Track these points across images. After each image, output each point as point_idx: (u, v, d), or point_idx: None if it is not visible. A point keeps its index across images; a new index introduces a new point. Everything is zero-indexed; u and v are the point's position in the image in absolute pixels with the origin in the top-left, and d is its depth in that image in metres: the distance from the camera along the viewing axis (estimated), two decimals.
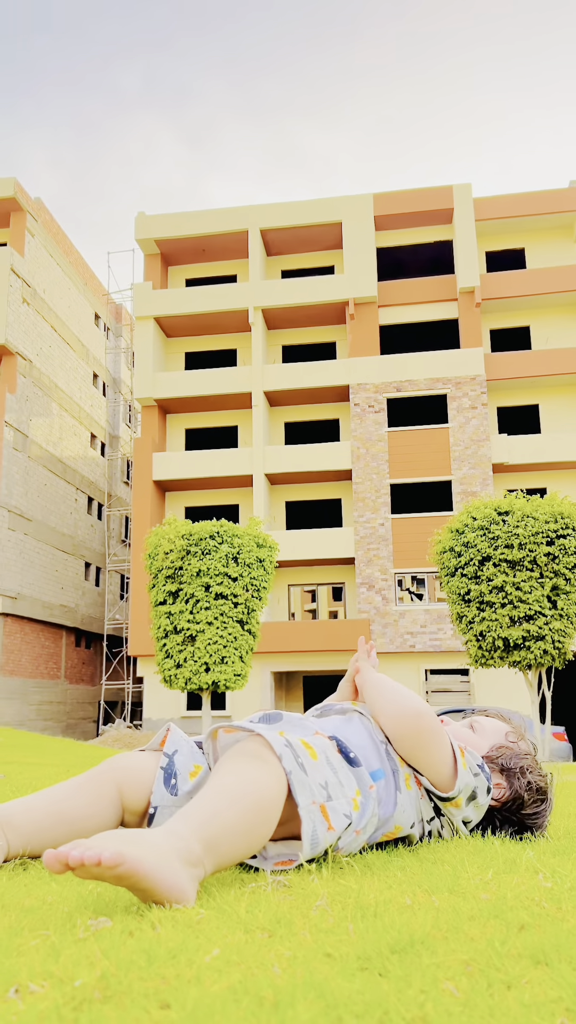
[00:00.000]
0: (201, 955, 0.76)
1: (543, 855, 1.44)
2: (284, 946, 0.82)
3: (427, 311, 25.43)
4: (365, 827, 1.37)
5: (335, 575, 24.57)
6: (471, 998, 0.70)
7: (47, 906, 0.96)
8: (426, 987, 0.72)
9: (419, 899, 1.07)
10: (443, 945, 0.85)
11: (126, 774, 1.34)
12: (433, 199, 25.19)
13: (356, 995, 0.67)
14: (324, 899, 1.01)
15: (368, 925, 0.90)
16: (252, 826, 1.10)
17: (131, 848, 0.92)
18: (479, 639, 14.58)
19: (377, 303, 25.17)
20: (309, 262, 26.88)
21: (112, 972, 0.69)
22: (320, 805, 1.24)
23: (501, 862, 1.33)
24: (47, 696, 24.84)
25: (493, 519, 14.62)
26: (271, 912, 0.94)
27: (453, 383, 24.05)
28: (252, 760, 1.20)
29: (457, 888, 1.14)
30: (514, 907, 1.02)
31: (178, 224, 25.49)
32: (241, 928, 0.88)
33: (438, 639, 22.44)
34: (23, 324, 24.49)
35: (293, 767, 1.22)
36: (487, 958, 0.82)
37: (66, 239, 28.11)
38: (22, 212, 25.24)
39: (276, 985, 0.68)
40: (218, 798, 1.10)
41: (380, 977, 0.74)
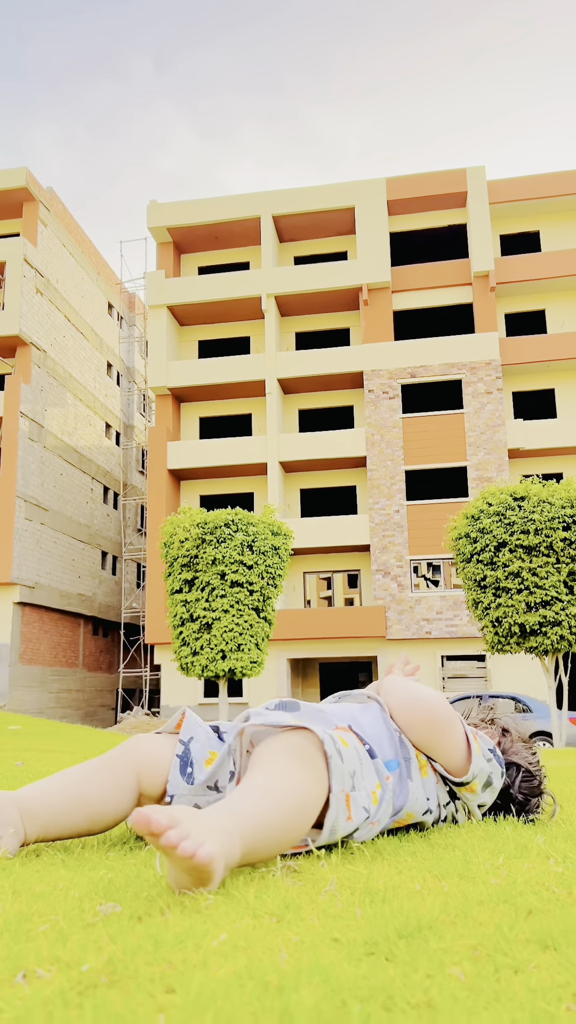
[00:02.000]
0: (208, 940, 0.77)
1: (555, 840, 1.43)
2: (292, 931, 0.82)
3: (441, 296, 25.25)
4: (380, 818, 1.37)
5: (351, 562, 24.56)
6: (477, 983, 0.70)
7: (58, 892, 0.97)
8: (432, 972, 0.72)
9: (428, 884, 1.07)
10: (451, 930, 0.85)
11: (143, 758, 1.34)
12: (446, 182, 24.97)
13: (361, 980, 0.68)
14: (333, 884, 1.02)
15: (376, 910, 0.90)
16: (290, 832, 1.11)
17: (216, 847, 0.93)
18: (495, 625, 14.54)
19: (391, 288, 25.01)
20: (322, 248, 26.74)
21: (119, 957, 0.70)
22: (347, 794, 1.24)
23: (512, 847, 1.33)
24: (65, 684, 25.05)
25: (509, 505, 14.55)
26: (280, 897, 0.95)
27: (468, 368, 23.89)
28: (300, 760, 1.20)
29: (467, 873, 1.14)
30: (523, 892, 1.02)
31: (190, 212, 25.41)
32: (249, 913, 0.88)
33: (454, 625, 22.40)
34: (37, 315, 24.54)
35: (333, 752, 1.22)
36: (495, 943, 0.82)
37: (79, 228, 28.11)
38: (34, 202, 25.26)
39: (281, 970, 0.69)
40: (264, 800, 1.09)
41: (386, 962, 0.74)
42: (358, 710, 1.52)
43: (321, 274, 24.83)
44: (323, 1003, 0.61)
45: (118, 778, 1.31)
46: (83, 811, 1.26)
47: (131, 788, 1.30)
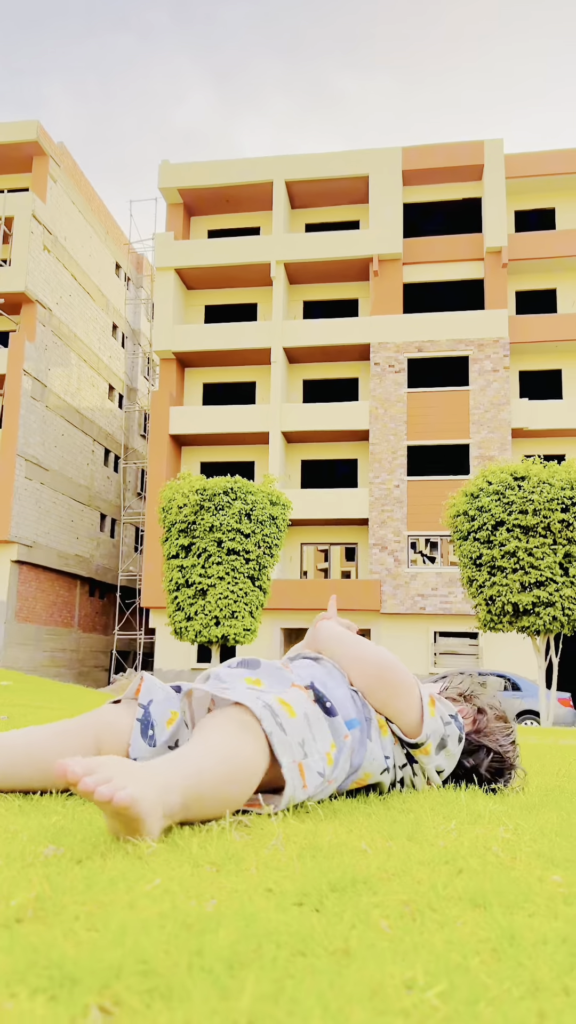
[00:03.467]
0: (142, 884, 0.78)
1: (512, 809, 1.45)
2: (228, 880, 0.84)
3: (452, 270, 24.99)
4: (337, 776, 1.39)
5: (348, 535, 24.58)
6: (399, 935, 0.72)
7: (8, 835, 0.98)
8: (357, 923, 0.74)
9: (376, 844, 1.08)
10: (385, 886, 0.86)
11: (104, 726, 1.36)
12: (463, 154, 24.59)
13: (283, 926, 0.69)
14: (279, 839, 1.03)
15: (316, 865, 0.92)
16: (232, 788, 1.12)
17: (138, 791, 0.94)
18: (489, 603, 14.60)
19: (402, 260, 24.75)
20: (334, 216, 26.41)
21: (48, 895, 0.71)
22: (298, 763, 1.26)
23: (466, 814, 1.35)
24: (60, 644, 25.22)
25: (509, 484, 14.54)
26: (224, 849, 0.96)
27: (476, 345, 23.72)
28: (242, 728, 1.21)
29: (416, 835, 1.16)
30: (467, 855, 1.04)
31: (202, 173, 25.06)
32: (190, 862, 0.90)
33: (448, 602, 22.49)
34: (43, 272, 24.32)
35: (273, 728, 1.23)
36: (427, 900, 0.83)
37: (89, 186, 27.75)
38: (45, 157, 24.90)
39: (205, 914, 0.70)
40: (206, 756, 1.11)
41: (314, 912, 0.76)
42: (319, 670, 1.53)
43: (332, 243, 24.56)
44: (238, 944, 0.63)
45: (79, 743, 1.33)
46: (40, 764, 1.28)
47: (89, 750, 1.32)
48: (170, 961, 0.57)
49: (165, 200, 25.85)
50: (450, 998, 0.56)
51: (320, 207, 26.27)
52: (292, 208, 26.08)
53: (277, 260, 24.31)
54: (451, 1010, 0.54)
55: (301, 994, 0.54)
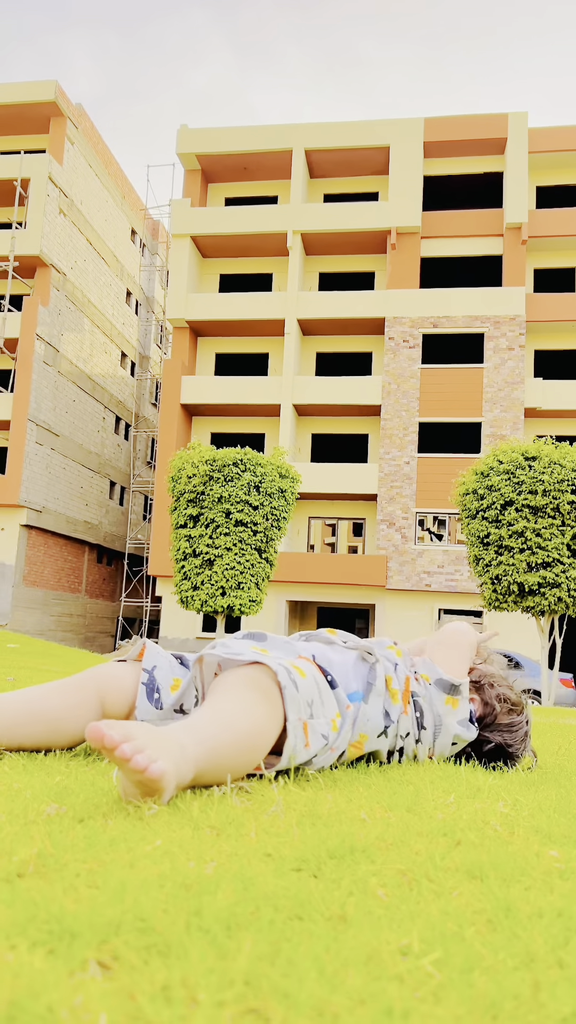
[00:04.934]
0: (142, 845, 0.79)
1: (512, 784, 1.46)
2: (227, 844, 0.84)
3: (471, 245, 24.69)
4: (339, 745, 1.40)
5: (357, 510, 24.58)
6: (396, 903, 0.72)
7: (12, 792, 0.99)
8: (354, 890, 0.74)
9: (375, 814, 1.09)
10: (383, 855, 0.87)
11: (107, 682, 1.37)
12: (486, 127, 24.19)
13: (281, 891, 0.70)
14: (279, 805, 1.04)
15: (315, 832, 0.93)
16: (243, 757, 1.13)
17: (168, 764, 0.95)
18: (495, 583, 14.62)
19: (420, 234, 24.47)
20: (353, 187, 26.07)
21: (50, 852, 0.72)
22: (304, 723, 1.27)
23: (465, 787, 1.35)
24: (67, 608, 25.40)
25: (519, 464, 14.49)
26: (225, 814, 0.97)
27: (492, 322, 23.50)
28: (256, 690, 1.22)
29: (415, 807, 1.16)
30: (465, 828, 1.05)
31: (221, 139, 24.75)
32: (191, 825, 0.90)
33: (454, 580, 22.51)
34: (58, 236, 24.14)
35: (287, 682, 1.24)
36: (424, 870, 0.84)
37: (106, 149, 27.45)
38: (62, 118, 24.62)
39: (205, 875, 0.71)
40: (220, 724, 1.12)
41: (312, 878, 0.77)
42: (325, 647, 1.54)
43: (350, 213, 24.27)
44: (236, 907, 0.63)
45: (81, 698, 1.33)
46: (42, 724, 1.29)
47: (92, 707, 1.32)
48: (168, 920, 0.58)
49: (183, 166, 25.56)
50: (445, 965, 0.57)
51: (339, 177, 25.93)
52: (311, 177, 25.75)
53: (294, 230, 24.07)
54: (446, 978, 0.55)
55: (298, 957, 0.55)
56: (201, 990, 0.47)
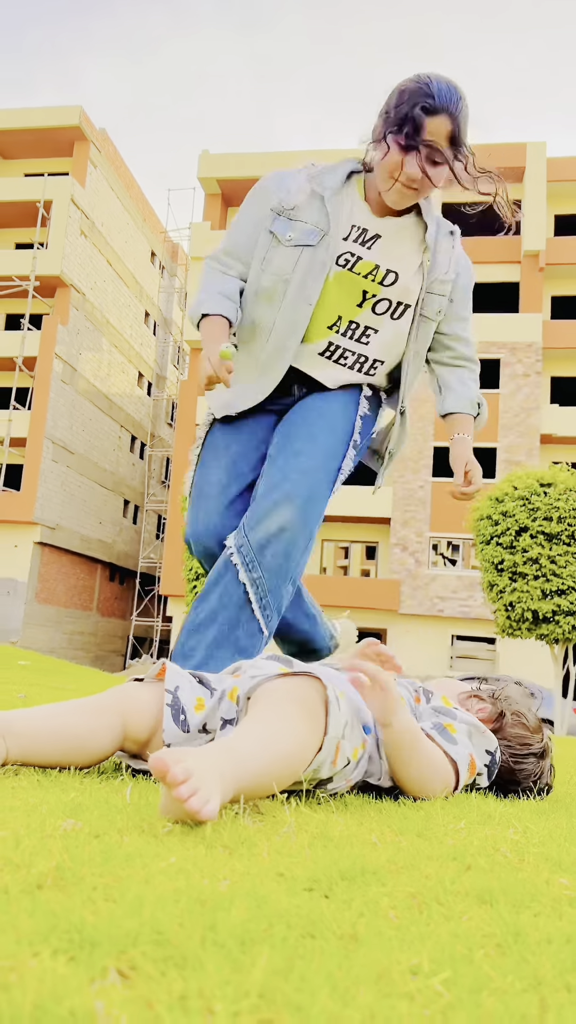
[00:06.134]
0: (157, 862, 0.80)
1: (523, 812, 1.46)
2: (240, 863, 0.86)
3: (488, 272, 24.82)
4: (354, 777, 1.41)
5: (370, 534, 24.55)
6: (406, 925, 0.73)
7: (28, 807, 1.01)
8: (366, 911, 0.75)
9: (386, 837, 1.10)
10: (394, 878, 0.88)
11: (129, 703, 1.38)
12: (505, 156, 24.39)
13: (294, 909, 0.71)
14: (291, 826, 1.05)
15: (326, 854, 0.94)
16: (278, 780, 1.15)
17: (216, 804, 0.97)
18: (508, 609, 14.55)
19: None
20: None
21: (68, 865, 0.74)
22: (338, 742, 1.28)
23: (476, 814, 1.36)
24: (79, 626, 25.43)
25: (535, 490, 14.48)
26: (237, 833, 0.98)
27: (508, 348, 23.56)
28: (301, 706, 1.23)
29: (426, 832, 1.17)
30: (475, 853, 1.05)
31: (241, 164, 25.08)
32: (203, 844, 0.92)
33: (467, 606, 22.40)
34: (79, 256, 24.46)
35: (334, 699, 1.26)
36: (434, 894, 0.85)
37: (128, 172, 27.86)
38: (86, 142, 25.04)
39: (219, 892, 0.72)
40: (262, 748, 1.13)
41: (324, 898, 0.78)
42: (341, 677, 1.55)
43: None
44: (250, 923, 0.65)
45: (102, 718, 1.35)
46: (64, 740, 1.30)
47: (114, 727, 1.34)
48: (184, 934, 0.59)
49: (203, 190, 25.91)
50: (454, 985, 0.58)
51: None
52: None
53: None
54: (455, 997, 0.56)
55: (310, 973, 0.56)
56: (217, 1001, 0.49)
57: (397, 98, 2.01)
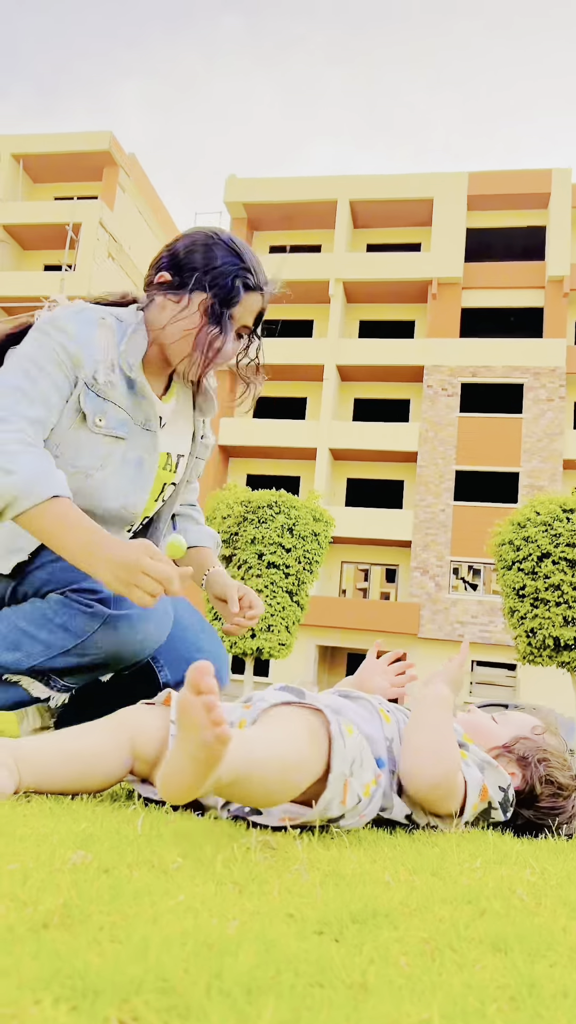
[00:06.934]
0: (166, 900, 0.79)
1: (540, 851, 1.43)
2: (250, 902, 0.85)
3: (512, 297, 24.83)
4: (368, 813, 1.39)
5: (390, 556, 24.44)
6: (418, 973, 0.72)
7: (39, 838, 1.00)
8: (376, 958, 0.74)
9: (399, 876, 1.08)
10: (406, 921, 0.86)
11: (138, 726, 1.38)
12: (530, 182, 24.48)
13: (303, 954, 0.70)
14: (303, 864, 1.04)
15: (338, 894, 0.92)
16: (277, 788, 1.14)
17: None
18: (529, 636, 14.39)
19: (461, 284, 24.66)
20: (396, 237, 26.46)
21: (75, 902, 0.73)
22: (345, 779, 1.26)
23: (492, 852, 1.33)
24: None
25: (557, 516, 14.36)
26: (248, 869, 0.97)
27: (531, 373, 23.51)
28: (305, 730, 1.22)
29: (440, 871, 1.15)
30: (491, 896, 1.03)
31: (267, 189, 25.36)
32: (214, 880, 0.91)
33: (488, 631, 22.20)
34: (106, 279, 24.78)
35: (337, 734, 1.24)
36: (447, 939, 0.83)
37: (155, 196, 28.26)
38: (115, 167, 25.44)
39: (227, 935, 0.71)
40: (265, 747, 1.12)
41: (334, 943, 0.76)
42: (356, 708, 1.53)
43: (392, 264, 24.60)
44: (257, 970, 0.63)
45: (113, 740, 1.34)
46: (75, 764, 1.30)
47: (122, 749, 1.33)
48: (189, 980, 0.58)
49: (229, 214, 26.22)
50: None
51: (382, 228, 26.36)
52: (355, 227, 26.20)
53: (336, 278, 24.44)
54: None
55: None
56: None
57: (205, 256, 1.80)
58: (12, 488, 1.52)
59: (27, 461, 1.55)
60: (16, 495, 1.52)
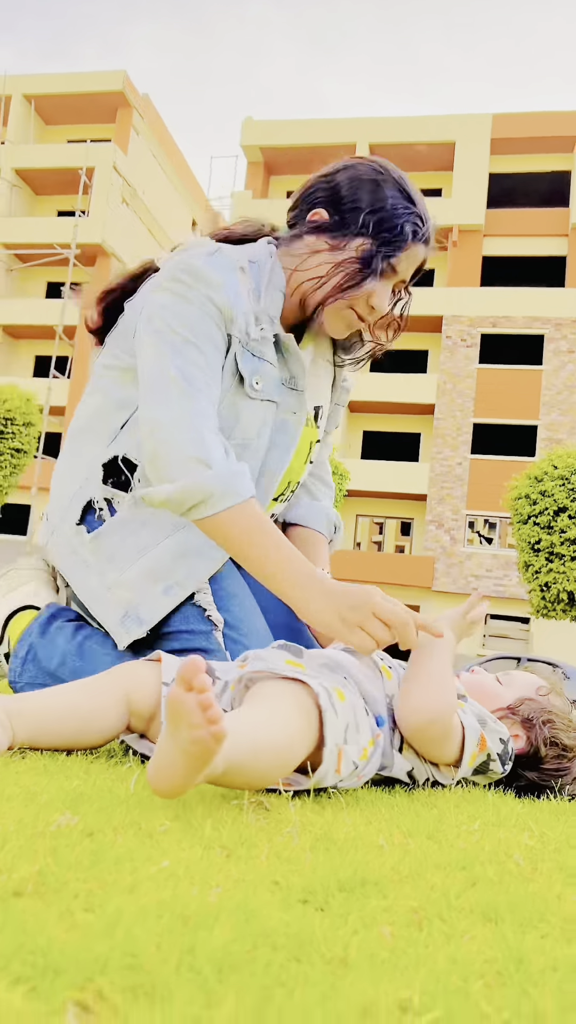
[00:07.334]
0: (148, 866, 0.77)
1: (542, 813, 1.42)
2: (236, 867, 0.83)
3: (534, 245, 24.26)
4: (367, 773, 1.37)
5: (405, 510, 24.38)
6: (402, 946, 0.70)
7: (28, 796, 0.99)
8: (360, 928, 0.72)
9: (394, 839, 1.06)
10: (396, 889, 0.84)
11: (133, 682, 1.36)
12: (556, 124, 23.71)
13: (283, 927, 0.68)
14: (295, 827, 1.02)
15: (328, 859, 0.91)
16: (270, 772, 1.12)
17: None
18: (544, 590, 14.38)
19: (483, 232, 24.11)
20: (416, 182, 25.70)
21: (52, 869, 0.71)
22: (339, 748, 1.24)
23: (491, 814, 1.32)
24: None
25: (575, 470, 14.22)
26: (238, 832, 0.96)
27: (553, 324, 23.07)
28: (295, 706, 1.19)
29: (437, 834, 1.13)
30: (486, 861, 1.01)
31: (285, 132, 24.72)
32: (202, 844, 0.89)
33: (502, 585, 22.21)
34: (120, 224, 24.40)
35: (328, 706, 1.22)
36: (438, 908, 0.81)
37: (170, 139, 27.65)
38: (129, 108, 24.86)
39: (207, 904, 0.69)
40: (255, 731, 1.09)
41: (318, 912, 0.74)
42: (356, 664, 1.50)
43: None
44: (233, 944, 0.62)
45: (108, 695, 1.33)
46: (70, 720, 1.29)
47: (119, 704, 1.32)
48: (160, 957, 0.56)
49: (246, 158, 25.64)
50: None
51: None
52: None
53: None
54: None
55: (288, 1007, 0.53)
56: None
57: (373, 196, 1.61)
58: (208, 484, 1.35)
59: (220, 452, 1.39)
60: (212, 492, 1.36)
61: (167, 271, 1.55)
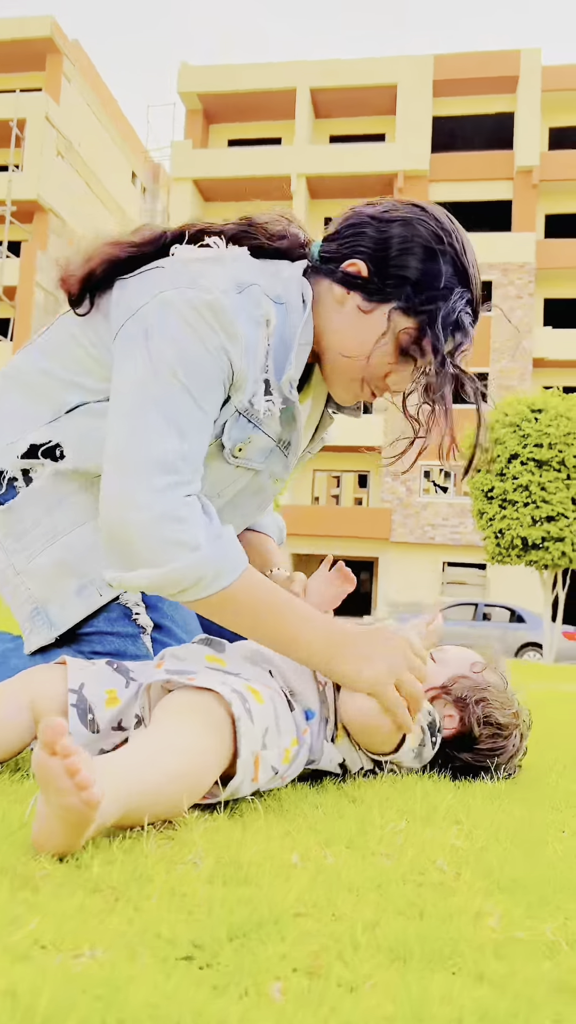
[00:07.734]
0: (11, 931, 0.69)
1: (475, 799, 1.37)
2: (118, 919, 0.75)
3: (480, 189, 24.03)
4: (290, 775, 1.30)
5: (362, 462, 24.38)
6: (292, 1009, 0.63)
7: None
8: (249, 989, 0.65)
9: (310, 853, 1.00)
10: (297, 927, 0.77)
11: (37, 687, 1.27)
12: (498, 64, 23.33)
13: (152, 1002, 0.60)
14: (198, 853, 0.95)
15: (227, 893, 0.83)
16: (177, 795, 1.03)
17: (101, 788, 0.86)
18: (498, 536, 14.55)
19: (428, 177, 23.78)
20: (359, 128, 25.28)
21: None
22: (256, 755, 1.16)
23: (421, 807, 1.26)
24: None
25: (526, 416, 14.32)
26: (132, 865, 0.88)
27: (500, 269, 22.98)
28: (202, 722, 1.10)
29: (358, 840, 1.07)
30: (405, 873, 0.95)
31: (224, 77, 23.94)
32: (86, 888, 0.81)
33: (458, 533, 22.45)
34: (56, 179, 23.56)
35: (242, 713, 1.13)
36: (342, 948, 0.74)
37: (104, 87, 26.62)
38: (58, 55, 23.83)
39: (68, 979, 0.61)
40: (151, 768, 1.00)
41: (202, 971, 0.67)
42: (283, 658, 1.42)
43: (356, 156, 23.58)
44: None
45: (12, 701, 1.24)
46: None
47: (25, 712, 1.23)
48: None
49: (184, 105, 24.84)
50: None
51: (345, 117, 25.13)
52: (316, 118, 24.96)
53: (298, 173, 23.42)
54: None
55: None
56: None
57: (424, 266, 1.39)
58: (198, 567, 1.21)
59: (203, 526, 1.23)
60: (203, 575, 1.22)
61: (185, 285, 1.29)
